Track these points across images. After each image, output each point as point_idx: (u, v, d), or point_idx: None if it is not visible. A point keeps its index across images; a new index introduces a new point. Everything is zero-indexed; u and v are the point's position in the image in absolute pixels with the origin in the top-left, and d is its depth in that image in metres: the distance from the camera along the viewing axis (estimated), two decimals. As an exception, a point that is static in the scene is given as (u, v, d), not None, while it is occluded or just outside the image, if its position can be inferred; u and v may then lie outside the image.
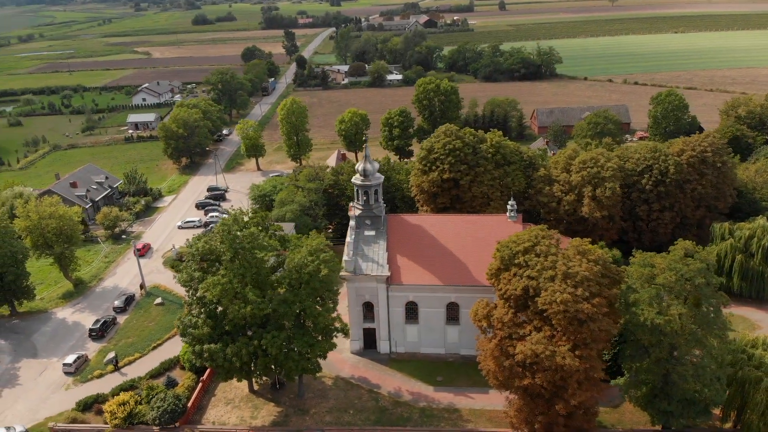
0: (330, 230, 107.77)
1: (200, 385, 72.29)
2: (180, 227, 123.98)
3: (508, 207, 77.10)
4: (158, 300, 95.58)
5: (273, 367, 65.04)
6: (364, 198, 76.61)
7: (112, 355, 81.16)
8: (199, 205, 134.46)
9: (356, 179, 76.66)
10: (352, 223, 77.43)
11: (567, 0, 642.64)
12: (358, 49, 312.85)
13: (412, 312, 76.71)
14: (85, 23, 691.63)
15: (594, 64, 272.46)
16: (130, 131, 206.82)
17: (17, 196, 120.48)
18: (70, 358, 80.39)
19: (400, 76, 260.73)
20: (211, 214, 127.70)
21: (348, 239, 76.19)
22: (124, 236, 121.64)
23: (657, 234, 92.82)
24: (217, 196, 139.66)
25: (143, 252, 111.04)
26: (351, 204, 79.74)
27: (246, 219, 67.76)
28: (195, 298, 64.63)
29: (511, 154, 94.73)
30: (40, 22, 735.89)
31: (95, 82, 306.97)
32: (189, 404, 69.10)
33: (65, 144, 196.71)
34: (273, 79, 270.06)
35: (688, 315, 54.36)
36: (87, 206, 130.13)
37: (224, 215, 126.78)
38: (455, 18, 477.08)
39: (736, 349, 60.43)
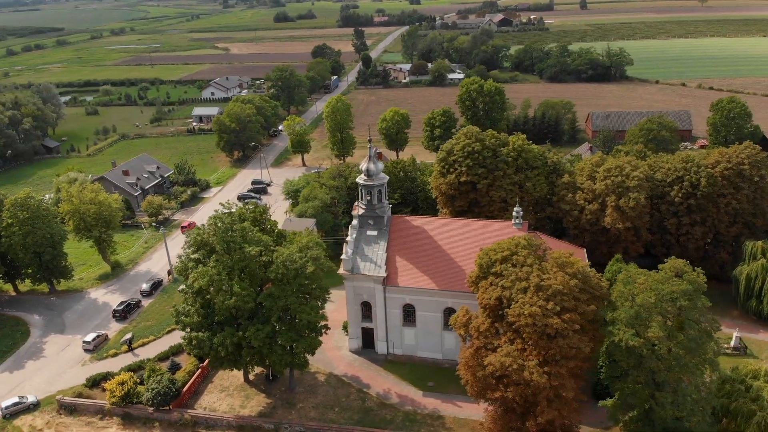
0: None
1: (199, 371, 74.90)
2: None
3: (513, 214, 74.94)
4: (182, 286, 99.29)
5: (257, 359, 66.37)
6: (368, 198, 76.63)
7: (128, 336, 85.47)
8: (240, 197, 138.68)
9: (360, 179, 76.82)
10: (354, 222, 77.70)
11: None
12: (424, 47, 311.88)
13: (409, 315, 76.15)
14: (175, 18, 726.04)
15: (669, 67, 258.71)
16: (194, 124, 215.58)
17: (72, 181, 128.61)
18: (89, 336, 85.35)
19: (461, 75, 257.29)
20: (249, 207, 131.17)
21: (348, 238, 76.58)
22: (161, 226, 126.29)
23: (687, 249, 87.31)
24: (258, 189, 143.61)
25: (191, 228, 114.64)
26: (355, 203, 79.98)
27: (232, 212, 69.10)
28: (188, 287, 66.91)
29: (533, 159, 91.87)
30: (134, 16, 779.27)
31: (172, 76, 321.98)
32: (185, 389, 71.81)
33: (132, 134, 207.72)
34: (336, 77, 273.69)
35: (674, 338, 51.05)
36: (136, 194, 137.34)
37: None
38: (532, 17, 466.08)
39: (734, 378, 56.24)
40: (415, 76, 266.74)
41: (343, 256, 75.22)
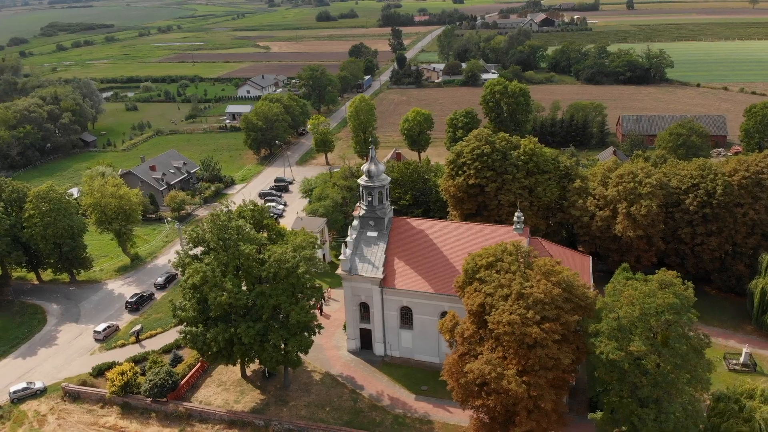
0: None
1: (199, 364, 76.32)
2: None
3: (515, 219, 73.70)
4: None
5: (249, 355, 67.21)
6: (369, 199, 76.58)
7: (137, 327, 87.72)
8: (262, 195, 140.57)
9: (361, 180, 76.83)
10: (355, 222, 77.81)
11: (704, 0, 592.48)
12: (460, 47, 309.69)
13: (407, 317, 75.84)
14: (221, 17, 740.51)
15: (711, 70, 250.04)
16: (227, 121, 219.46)
17: (99, 175, 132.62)
18: (101, 326, 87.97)
19: (495, 76, 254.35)
20: (268, 204, 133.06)
21: (348, 238, 76.75)
22: (175, 220, 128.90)
23: (702, 260, 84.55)
24: (280, 187, 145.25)
25: None
26: (357, 204, 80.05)
27: (230, 210, 70.06)
28: (185, 282, 68.20)
29: (544, 163, 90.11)
30: (183, 14, 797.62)
31: (212, 73, 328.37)
32: (183, 381, 73.29)
33: (167, 130, 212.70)
34: (369, 76, 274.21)
35: (661, 354, 49.36)
36: (162, 188, 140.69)
37: (280, 206, 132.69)
38: (575, 17, 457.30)
39: (729, 397, 54.01)
40: (448, 76, 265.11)
41: (341, 257, 75.44)
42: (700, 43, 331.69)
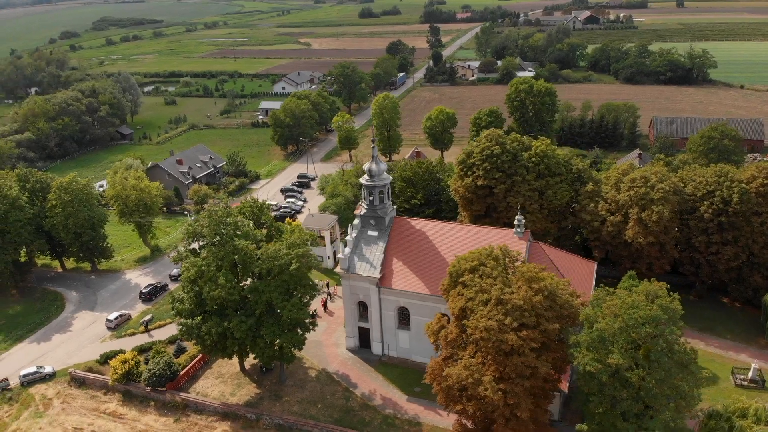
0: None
1: (200, 356, 77.77)
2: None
3: (515, 222, 72.45)
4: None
5: (242, 350, 68.16)
6: (370, 198, 76.50)
7: (148, 317, 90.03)
8: (283, 191, 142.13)
9: (363, 179, 76.82)
10: (356, 221, 77.85)
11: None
12: (498, 45, 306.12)
13: (404, 318, 75.55)
14: (267, 13, 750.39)
15: (757, 71, 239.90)
16: (260, 117, 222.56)
17: (127, 168, 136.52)
18: (113, 315, 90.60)
19: (531, 74, 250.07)
20: (288, 200, 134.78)
21: (348, 236, 76.89)
22: (191, 213, 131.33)
23: (716, 270, 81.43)
24: (302, 183, 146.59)
25: None
26: (359, 203, 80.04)
27: (228, 206, 70.99)
28: (183, 275, 69.56)
29: (556, 165, 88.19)
30: (230, 10, 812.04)
31: (251, 69, 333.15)
32: (182, 372, 74.89)
33: (202, 124, 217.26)
34: (403, 74, 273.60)
35: (643, 367, 47.74)
36: (187, 182, 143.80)
37: (300, 202, 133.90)
38: (621, 15, 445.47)
39: (721, 414, 51.95)
40: (483, 74, 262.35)
41: (339, 255, 75.61)
42: (748, 43, 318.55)
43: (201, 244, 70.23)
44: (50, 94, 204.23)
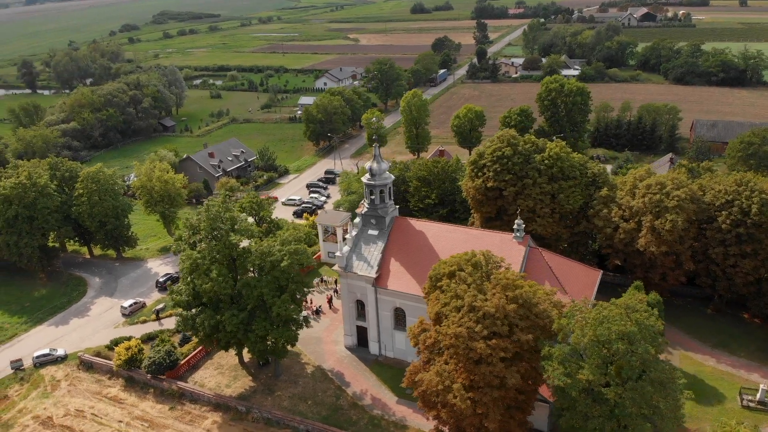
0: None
1: (201, 347, 79.49)
2: (284, 203, 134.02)
3: (514, 226, 70.83)
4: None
5: (234, 343, 69.27)
6: (371, 197, 76.26)
7: (160, 306, 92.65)
8: (309, 186, 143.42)
9: (364, 178, 76.64)
10: (357, 220, 77.78)
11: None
12: (546, 42, 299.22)
13: (401, 319, 75.08)
14: (321, 8, 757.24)
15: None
16: (298, 112, 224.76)
17: (160, 159, 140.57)
18: (128, 302, 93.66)
19: (576, 72, 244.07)
20: (311, 195, 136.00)
21: (347, 235, 76.90)
22: None
23: (734, 283, 77.46)
24: (328, 179, 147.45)
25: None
26: (361, 201, 79.89)
27: (227, 202, 72.00)
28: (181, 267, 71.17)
29: (570, 169, 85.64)
30: (286, 5, 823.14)
31: (298, 64, 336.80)
32: (183, 361, 76.78)
33: (242, 118, 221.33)
34: (445, 70, 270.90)
35: (618, 385, 45.91)
36: (217, 174, 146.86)
37: (323, 197, 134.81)
38: (680, 12, 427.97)
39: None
40: (526, 71, 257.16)
41: (337, 253, 75.77)
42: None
43: (199, 237, 71.59)
44: (98, 86, 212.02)
